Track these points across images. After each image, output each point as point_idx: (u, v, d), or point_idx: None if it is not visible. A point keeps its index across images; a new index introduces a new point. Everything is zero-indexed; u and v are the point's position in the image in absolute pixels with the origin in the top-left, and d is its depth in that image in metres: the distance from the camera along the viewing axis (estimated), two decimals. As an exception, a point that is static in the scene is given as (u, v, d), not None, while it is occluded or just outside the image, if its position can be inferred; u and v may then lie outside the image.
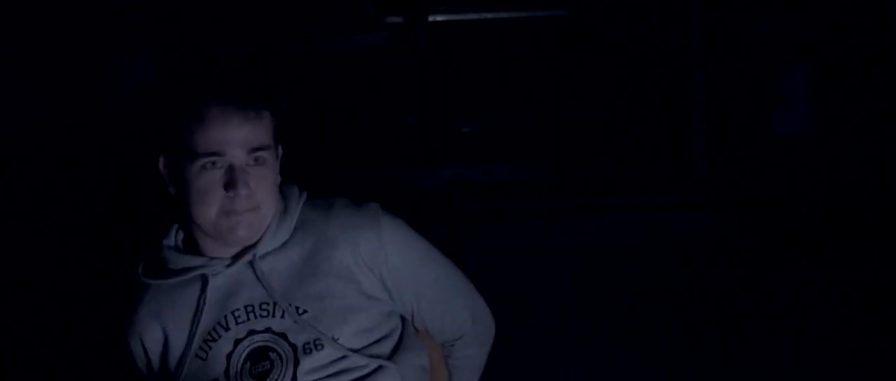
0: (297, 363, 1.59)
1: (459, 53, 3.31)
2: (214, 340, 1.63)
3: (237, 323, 1.63)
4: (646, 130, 3.22)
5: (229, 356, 1.62)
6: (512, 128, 3.31)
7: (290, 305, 1.61)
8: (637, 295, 2.85)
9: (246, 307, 1.63)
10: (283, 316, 1.61)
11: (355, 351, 1.62)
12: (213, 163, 1.57)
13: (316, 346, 1.60)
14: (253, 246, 1.63)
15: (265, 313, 1.62)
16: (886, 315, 2.77)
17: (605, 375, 2.84)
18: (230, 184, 1.57)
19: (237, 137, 1.56)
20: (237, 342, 1.62)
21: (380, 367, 1.64)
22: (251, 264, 1.63)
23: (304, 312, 1.61)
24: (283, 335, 1.60)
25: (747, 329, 2.82)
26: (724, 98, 3.08)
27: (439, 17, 3.29)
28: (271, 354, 1.61)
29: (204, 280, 1.65)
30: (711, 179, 3.06)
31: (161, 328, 1.67)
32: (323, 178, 1.93)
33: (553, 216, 2.97)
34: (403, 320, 1.75)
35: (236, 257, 1.65)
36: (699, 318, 2.83)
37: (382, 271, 1.66)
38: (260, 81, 1.66)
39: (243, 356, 1.62)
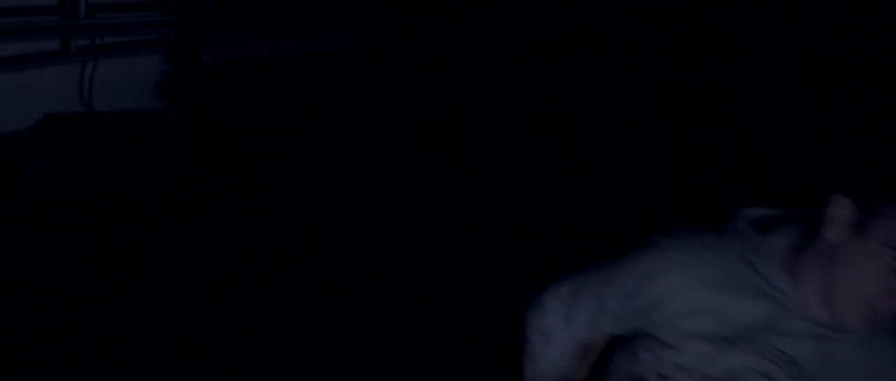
0: None
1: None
2: (731, 347, 1.49)
3: (761, 356, 1.48)
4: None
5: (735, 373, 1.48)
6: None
7: None
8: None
9: (780, 353, 1.49)
10: None
11: None
12: None
13: None
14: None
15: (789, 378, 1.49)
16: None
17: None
18: None
19: None
20: (751, 371, 1.47)
21: None
22: (827, 338, 1.50)
23: None
24: None
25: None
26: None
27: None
28: None
29: (779, 306, 1.51)
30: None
31: (699, 298, 1.51)
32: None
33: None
34: None
35: (823, 322, 1.51)
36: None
37: None
38: None
39: None
